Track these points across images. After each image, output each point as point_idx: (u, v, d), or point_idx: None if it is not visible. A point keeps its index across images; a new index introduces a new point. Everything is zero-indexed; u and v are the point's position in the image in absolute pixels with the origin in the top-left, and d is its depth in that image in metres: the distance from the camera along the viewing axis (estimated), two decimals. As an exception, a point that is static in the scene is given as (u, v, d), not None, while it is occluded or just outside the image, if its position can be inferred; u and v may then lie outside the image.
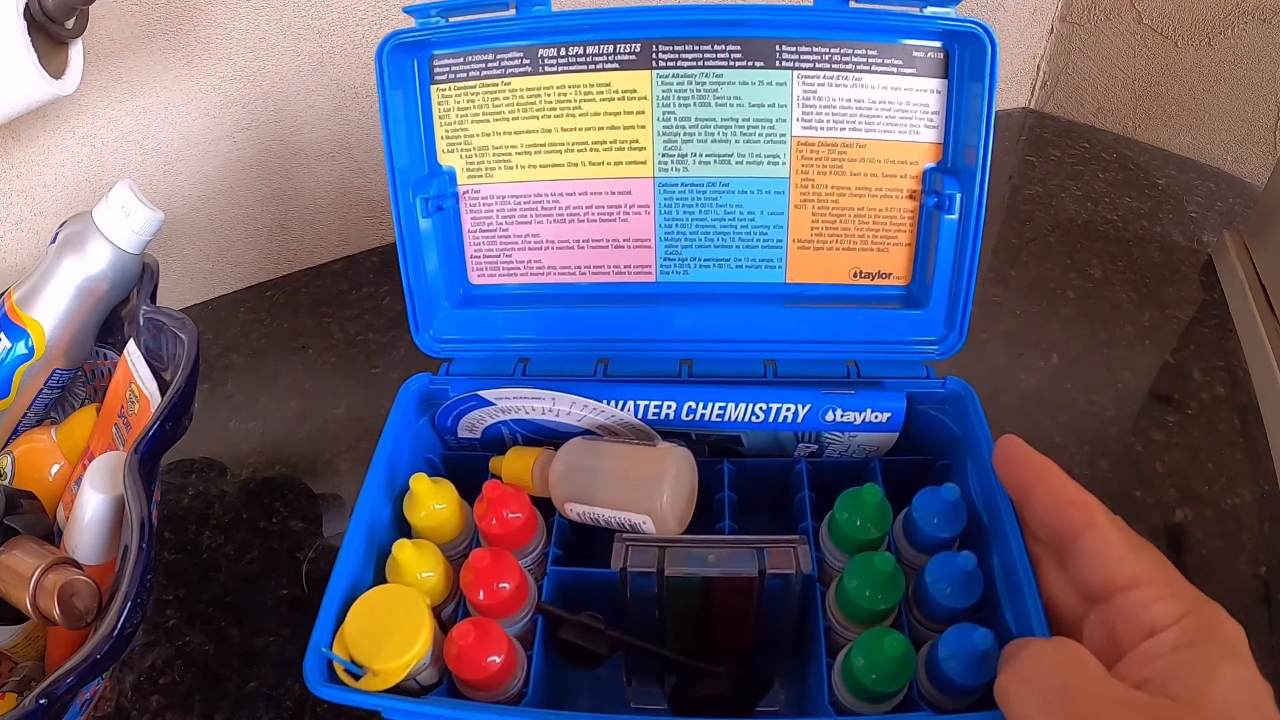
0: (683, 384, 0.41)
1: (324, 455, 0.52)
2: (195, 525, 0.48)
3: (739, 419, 0.39)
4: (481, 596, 0.34)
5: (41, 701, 0.27)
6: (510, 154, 0.41)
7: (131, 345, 0.42)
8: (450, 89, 0.40)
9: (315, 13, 0.57)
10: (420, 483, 0.36)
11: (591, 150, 0.41)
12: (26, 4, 0.39)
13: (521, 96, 0.40)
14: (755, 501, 0.41)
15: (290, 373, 0.59)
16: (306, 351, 0.60)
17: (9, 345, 0.43)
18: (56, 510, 0.43)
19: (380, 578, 0.36)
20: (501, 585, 0.34)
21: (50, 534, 0.37)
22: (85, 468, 0.40)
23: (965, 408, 0.39)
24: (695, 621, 0.35)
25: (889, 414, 0.39)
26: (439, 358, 0.43)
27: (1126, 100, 0.79)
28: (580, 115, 0.40)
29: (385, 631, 0.32)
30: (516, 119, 0.40)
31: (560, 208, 0.42)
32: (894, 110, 0.38)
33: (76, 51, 0.44)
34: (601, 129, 0.40)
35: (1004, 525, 0.33)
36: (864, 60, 0.38)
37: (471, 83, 0.40)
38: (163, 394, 0.38)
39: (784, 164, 0.40)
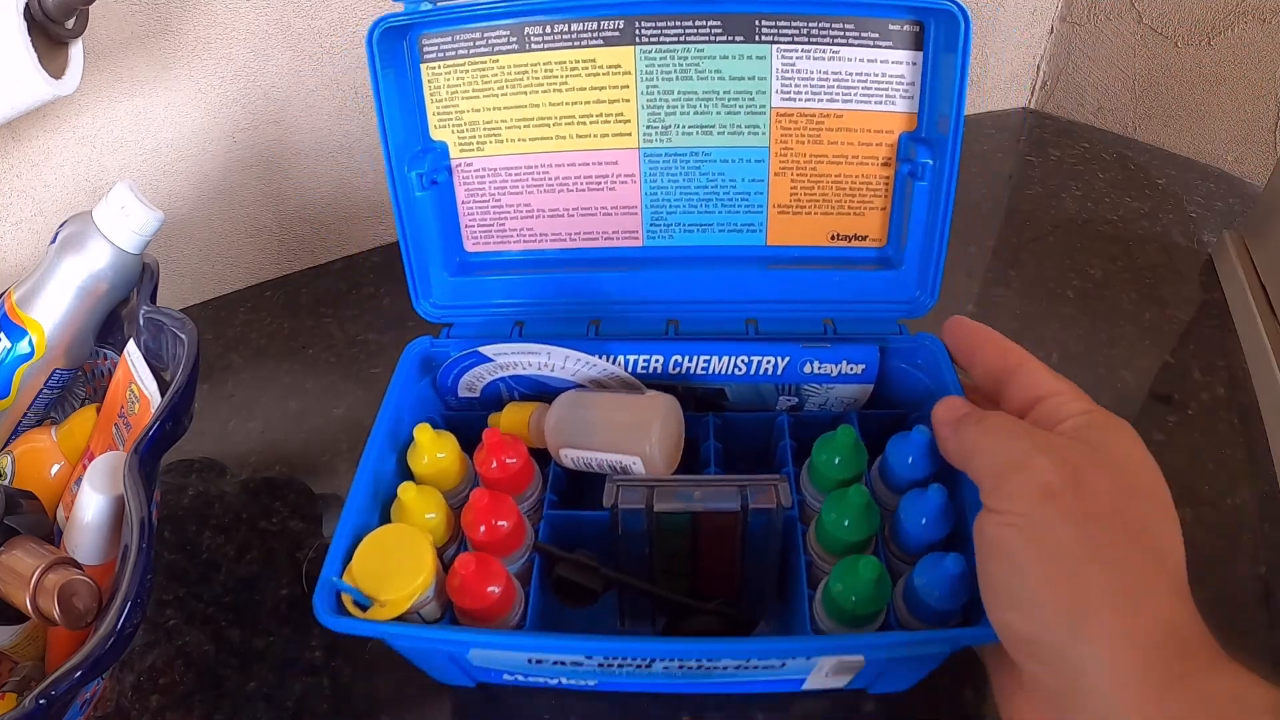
0: (670, 340, 0.43)
1: (324, 455, 0.52)
2: (195, 525, 0.48)
3: (723, 371, 0.41)
4: (482, 531, 0.35)
5: (41, 701, 0.27)
6: (500, 128, 0.43)
7: (131, 345, 0.42)
8: (439, 67, 0.41)
9: (315, 13, 0.57)
10: (424, 432, 0.38)
11: (579, 123, 0.42)
12: (26, 4, 0.39)
13: (509, 73, 0.41)
14: (739, 454, 0.43)
15: (290, 373, 0.58)
16: (306, 351, 0.60)
17: (9, 345, 0.43)
18: (56, 510, 0.43)
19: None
20: (500, 523, 0.35)
21: (50, 534, 0.37)
22: (85, 468, 0.39)
23: (936, 361, 0.40)
24: (684, 561, 0.37)
25: (863, 365, 0.41)
26: (439, 323, 0.45)
27: (1126, 100, 0.79)
28: (567, 90, 0.41)
29: (391, 566, 0.33)
30: (505, 94, 0.42)
31: (550, 178, 0.44)
32: (870, 82, 0.40)
33: (76, 51, 0.44)
34: (588, 103, 0.41)
35: None
36: (841, 34, 0.39)
37: (460, 60, 0.41)
38: (163, 394, 0.38)
39: (764, 134, 0.42)
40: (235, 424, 0.55)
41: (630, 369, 0.41)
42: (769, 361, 0.41)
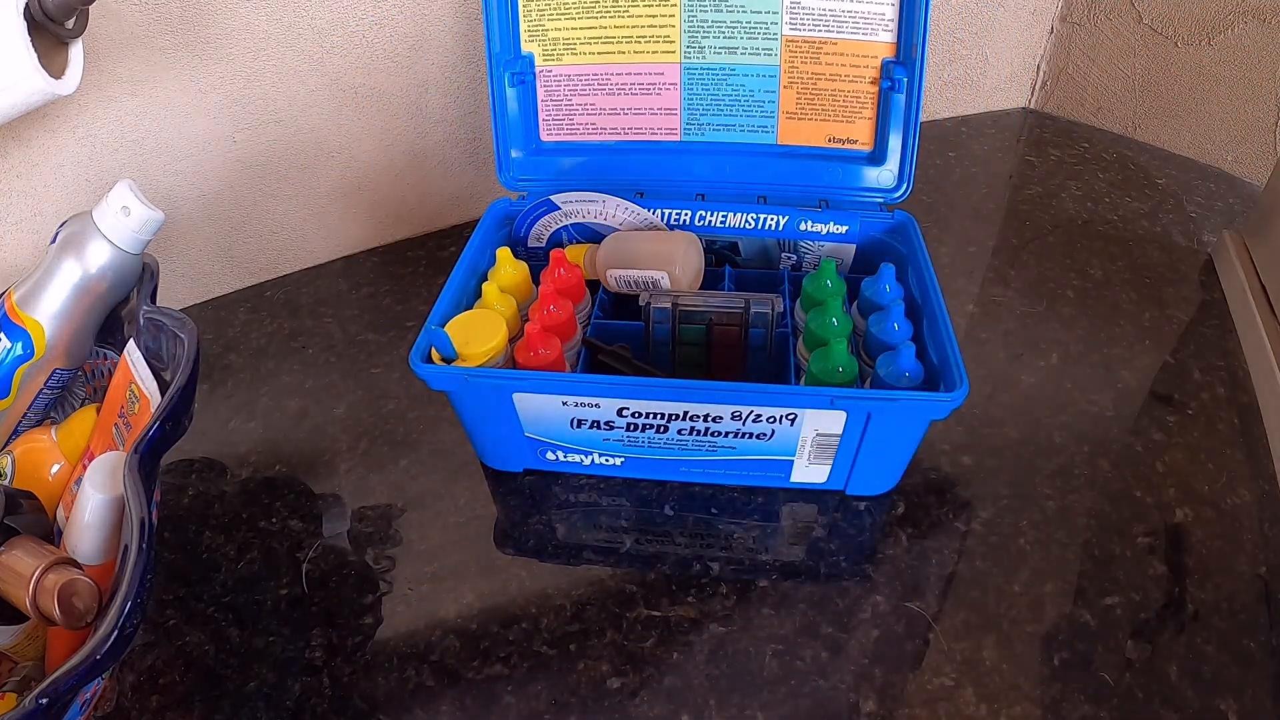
0: (697, 199, 0.56)
1: (324, 455, 0.52)
2: (195, 525, 0.48)
3: (737, 225, 0.55)
4: (550, 309, 0.47)
5: (41, 701, 0.27)
6: (575, 44, 0.55)
7: (131, 345, 0.42)
8: None
9: (315, 13, 0.57)
10: (504, 251, 0.51)
11: (635, 42, 0.55)
12: (26, 4, 0.39)
13: (585, 1, 0.54)
14: None
15: (290, 373, 0.59)
16: (306, 351, 0.60)
17: (9, 345, 0.43)
18: (56, 510, 0.43)
19: None
20: (559, 309, 0.47)
21: (50, 534, 0.37)
22: (85, 468, 0.40)
23: (909, 232, 0.52)
24: (699, 369, 0.49)
25: (847, 227, 0.54)
26: (516, 191, 0.58)
27: (1126, 100, 0.79)
28: (627, 16, 0.54)
29: (474, 332, 0.45)
30: (580, 17, 0.55)
31: (611, 84, 0.56)
32: (859, 17, 0.51)
33: (76, 51, 0.44)
34: (642, 26, 0.54)
35: (930, 299, 0.46)
36: None
37: None
38: (163, 394, 0.38)
39: (776, 56, 0.54)
40: (235, 424, 0.55)
41: (665, 221, 0.55)
42: (773, 219, 0.54)
